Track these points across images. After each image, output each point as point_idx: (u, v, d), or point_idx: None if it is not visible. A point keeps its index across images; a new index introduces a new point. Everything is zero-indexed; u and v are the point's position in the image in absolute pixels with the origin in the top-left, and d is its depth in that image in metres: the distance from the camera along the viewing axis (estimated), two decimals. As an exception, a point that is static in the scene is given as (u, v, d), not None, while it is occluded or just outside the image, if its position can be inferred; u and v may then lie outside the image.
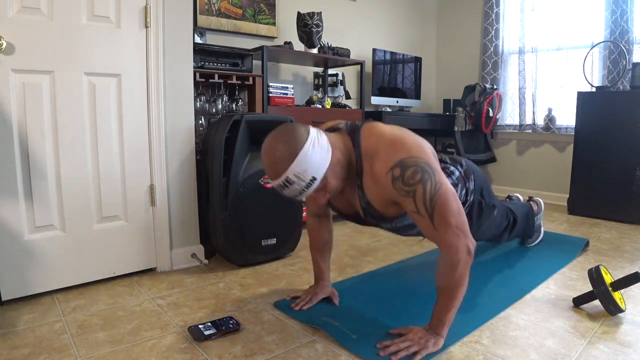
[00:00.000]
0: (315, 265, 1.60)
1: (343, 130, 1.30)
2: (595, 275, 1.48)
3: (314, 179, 1.14)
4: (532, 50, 3.64)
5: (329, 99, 2.96)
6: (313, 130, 1.17)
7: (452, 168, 1.51)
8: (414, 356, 1.18)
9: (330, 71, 3.26)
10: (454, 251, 1.13)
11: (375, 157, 1.19)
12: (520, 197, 2.41)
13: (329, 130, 1.33)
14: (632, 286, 1.61)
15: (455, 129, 3.57)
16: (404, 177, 1.12)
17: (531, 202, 2.28)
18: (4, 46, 1.49)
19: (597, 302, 1.55)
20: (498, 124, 3.93)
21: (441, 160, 1.50)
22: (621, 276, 1.49)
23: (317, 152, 1.13)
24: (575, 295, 1.61)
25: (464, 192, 1.57)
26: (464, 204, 1.55)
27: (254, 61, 2.79)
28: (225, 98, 2.47)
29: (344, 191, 1.31)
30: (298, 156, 1.10)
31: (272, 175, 1.15)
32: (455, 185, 1.52)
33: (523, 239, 2.27)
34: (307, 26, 2.82)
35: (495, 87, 3.57)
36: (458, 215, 1.14)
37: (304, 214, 2.23)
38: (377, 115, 3.22)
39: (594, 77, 3.31)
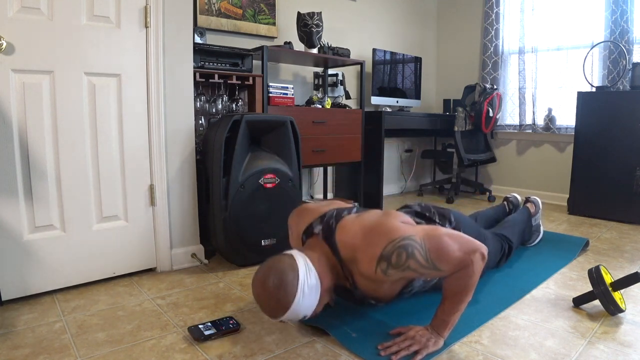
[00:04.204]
0: None
1: (320, 236, 1.33)
2: (595, 275, 1.48)
3: (305, 316, 1.22)
4: (532, 50, 3.64)
5: (329, 99, 2.96)
6: (302, 272, 1.17)
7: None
8: (415, 355, 1.18)
9: (330, 71, 3.25)
10: (470, 268, 1.17)
11: (357, 261, 1.22)
12: (519, 197, 2.41)
13: (306, 233, 1.37)
14: (632, 286, 1.61)
15: (455, 129, 3.57)
16: (392, 265, 1.16)
17: (528, 204, 2.27)
18: (4, 46, 1.49)
19: (597, 302, 1.55)
20: (498, 124, 3.93)
21: (429, 219, 1.54)
22: (621, 276, 1.49)
23: (307, 299, 1.17)
24: (575, 295, 1.61)
25: None
26: None
27: (254, 61, 2.80)
28: (225, 98, 2.47)
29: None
30: (290, 309, 1.16)
31: (268, 316, 1.20)
32: None
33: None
34: (307, 26, 2.82)
35: (495, 87, 3.56)
36: (459, 249, 1.16)
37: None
38: (377, 115, 3.22)
39: (594, 77, 3.31)
